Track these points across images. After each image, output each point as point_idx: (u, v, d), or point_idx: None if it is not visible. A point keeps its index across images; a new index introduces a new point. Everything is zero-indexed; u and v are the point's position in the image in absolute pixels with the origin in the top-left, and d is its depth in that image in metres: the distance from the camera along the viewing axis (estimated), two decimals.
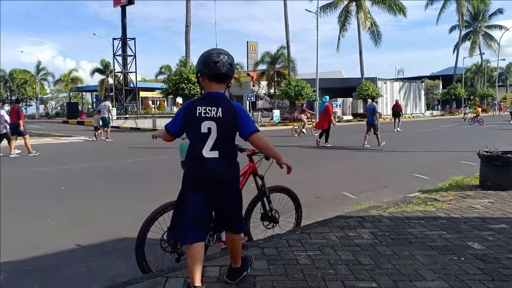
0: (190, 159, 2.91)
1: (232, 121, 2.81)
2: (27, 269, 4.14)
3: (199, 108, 2.82)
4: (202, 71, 2.87)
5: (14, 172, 10.24)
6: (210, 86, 2.88)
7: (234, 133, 2.88)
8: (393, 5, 41.43)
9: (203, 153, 2.80)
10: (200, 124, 2.80)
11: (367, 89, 41.16)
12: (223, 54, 2.85)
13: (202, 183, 2.85)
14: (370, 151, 13.92)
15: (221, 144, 2.82)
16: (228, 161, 2.88)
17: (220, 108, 2.80)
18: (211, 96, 2.87)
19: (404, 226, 4.59)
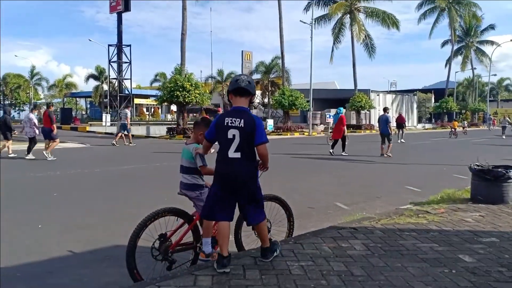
0: (219, 159, 3.62)
1: (251, 130, 3.50)
2: (17, 276, 4.10)
3: (226, 119, 3.55)
4: (228, 89, 3.70)
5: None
6: (236, 101, 3.66)
7: (253, 139, 3.53)
8: (387, 19, 41.86)
9: (228, 154, 3.52)
10: (227, 131, 3.52)
11: (360, 101, 41.44)
12: (243, 75, 3.81)
13: (228, 178, 3.58)
14: (362, 163, 13.99)
15: (243, 148, 3.53)
16: (247, 161, 3.59)
17: (243, 119, 3.53)
18: (237, 110, 3.62)
19: (396, 238, 4.62)
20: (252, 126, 3.52)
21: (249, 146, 3.57)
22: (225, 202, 3.62)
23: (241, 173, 3.56)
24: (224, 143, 3.58)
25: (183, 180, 4.01)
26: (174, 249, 3.84)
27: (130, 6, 37.53)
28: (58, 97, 65.25)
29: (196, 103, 28.57)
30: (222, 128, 3.57)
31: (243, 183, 3.59)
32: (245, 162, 3.57)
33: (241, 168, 3.55)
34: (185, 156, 4.02)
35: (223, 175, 3.60)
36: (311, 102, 35.22)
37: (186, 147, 4.05)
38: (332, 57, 45.83)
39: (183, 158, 4.03)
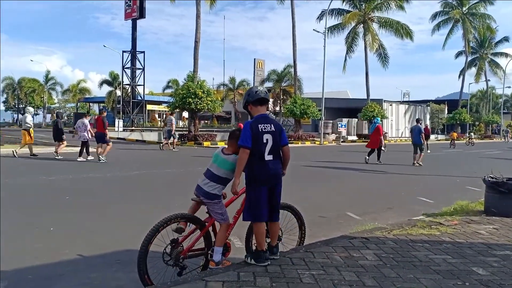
0: (257, 162, 3.87)
1: (279, 134, 3.97)
2: (28, 278, 4.13)
3: (260, 125, 3.90)
4: (249, 100, 4.05)
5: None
6: (258, 110, 4.05)
7: (279, 142, 3.97)
8: (400, 29, 41.77)
9: (265, 157, 3.86)
10: (262, 136, 3.86)
11: (372, 110, 41.24)
12: (260, 87, 4.21)
13: (268, 179, 3.91)
14: (374, 173, 13.90)
15: (274, 150, 3.93)
16: (278, 161, 3.99)
17: (272, 124, 3.98)
18: (264, 116, 4.02)
19: (409, 249, 4.57)
20: (279, 129, 4.01)
21: (278, 148, 3.98)
22: (267, 202, 3.91)
23: (277, 173, 3.96)
24: (260, 148, 3.87)
25: (203, 187, 3.96)
26: (186, 255, 3.84)
27: (145, 13, 38.01)
28: (71, 102, 66.01)
29: (208, 110, 28.72)
30: (258, 134, 3.87)
31: (278, 182, 3.99)
32: (278, 162, 3.98)
33: (276, 168, 3.95)
34: (221, 165, 4.00)
35: (264, 176, 3.89)
36: (323, 111, 35.13)
37: (225, 157, 4.03)
38: (345, 66, 45.74)
39: (215, 164, 4.02)
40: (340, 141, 37.68)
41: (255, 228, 3.96)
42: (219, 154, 4.07)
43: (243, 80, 52.92)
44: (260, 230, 3.95)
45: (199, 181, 4.04)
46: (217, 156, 4.07)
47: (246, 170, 3.91)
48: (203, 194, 3.94)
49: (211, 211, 4.01)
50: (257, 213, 3.89)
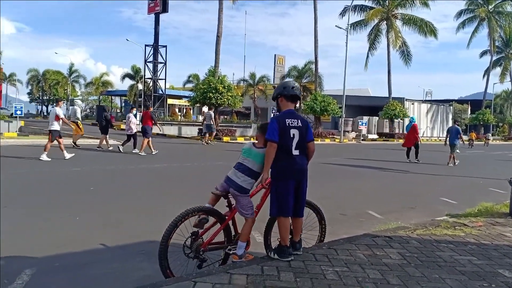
0: (284, 157, 3.88)
1: (305, 129, 4.00)
2: (55, 266, 4.23)
3: (287, 120, 3.93)
4: (283, 93, 4.06)
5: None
6: (287, 105, 4.06)
7: (305, 137, 3.99)
8: (424, 26, 41.14)
9: (292, 152, 3.88)
10: (289, 131, 3.89)
11: (394, 109, 40.81)
12: (296, 84, 4.24)
13: (296, 174, 3.93)
14: (395, 172, 13.76)
15: (300, 145, 3.95)
16: (304, 156, 4.01)
17: (299, 120, 4.01)
18: (291, 112, 4.04)
19: (433, 249, 4.52)
20: (306, 125, 4.05)
21: (304, 144, 4.00)
22: (293, 197, 3.94)
23: (304, 169, 3.99)
24: (287, 143, 3.90)
25: (237, 180, 3.95)
26: (206, 248, 3.87)
27: (167, 7, 38.23)
28: (94, 95, 66.92)
29: (228, 106, 28.79)
30: (285, 128, 3.89)
31: (304, 178, 4.03)
32: (304, 157, 4.01)
33: (303, 164, 3.99)
34: (256, 159, 4.00)
35: (292, 171, 3.92)
36: (343, 109, 34.87)
37: (259, 150, 4.03)
38: (367, 63, 45.08)
39: (249, 159, 4.01)
40: (360, 139, 37.39)
41: (279, 223, 3.96)
42: (252, 148, 4.07)
43: (263, 76, 52.76)
44: (284, 225, 3.94)
45: (230, 174, 4.03)
46: (250, 150, 4.06)
47: (272, 165, 3.90)
48: (236, 187, 3.92)
49: (240, 206, 3.98)
50: (283, 207, 3.88)
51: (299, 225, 4.11)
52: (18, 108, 23.72)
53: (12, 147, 16.46)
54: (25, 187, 8.37)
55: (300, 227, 4.13)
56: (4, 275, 3.84)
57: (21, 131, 24.37)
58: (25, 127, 25.92)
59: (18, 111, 23.47)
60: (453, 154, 16.79)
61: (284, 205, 3.89)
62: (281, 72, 62.83)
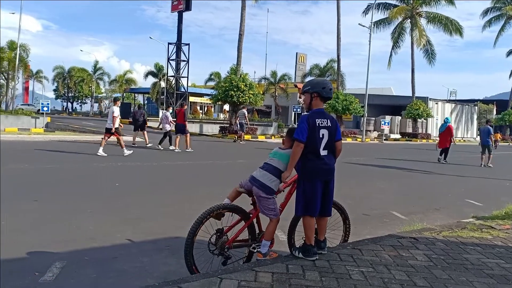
0: (312, 157, 3.87)
1: (335, 129, 3.97)
2: (85, 259, 4.33)
3: (317, 120, 3.90)
4: (321, 92, 3.99)
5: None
6: (318, 104, 4.02)
7: (334, 137, 3.96)
8: (449, 25, 40.32)
9: (321, 152, 3.86)
10: (318, 131, 3.86)
11: (417, 108, 40.20)
12: (332, 85, 4.17)
13: (323, 174, 3.92)
14: (419, 173, 13.59)
15: (329, 145, 3.94)
16: (332, 156, 4.00)
17: (329, 120, 3.97)
18: (321, 112, 4.00)
19: (460, 251, 4.46)
20: (335, 125, 4.02)
21: (332, 144, 3.98)
22: (321, 197, 3.92)
23: (331, 169, 3.98)
24: (316, 143, 3.87)
25: (261, 179, 3.94)
26: (230, 245, 3.90)
27: (191, 5, 38.46)
28: (118, 92, 67.87)
29: (250, 104, 28.85)
30: (314, 128, 3.87)
31: (332, 178, 4.01)
32: (332, 157, 4.00)
33: (331, 163, 3.98)
34: (282, 158, 4.01)
35: (319, 172, 3.90)
36: (365, 108, 34.54)
37: (285, 151, 4.05)
38: (390, 62, 44.41)
39: (275, 159, 4.03)
40: (382, 139, 36.97)
41: (305, 222, 3.96)
42: (278, 151, 4.11)
43: (284, 74, 52.57)
44: (310, 224, 3.94)
45: (255, 173, 4.04)
46: (276, 152, 4.10)
47: (300, 164, 3.90)
48: (260, 185, 3.92)
49: (262, 207, 3.97)
50: (310, 207, 3.88)
51: (324, 224, 4.11)
52: (45, 105, 24.21)
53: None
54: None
55: (325, 226, 4.12)
56: (35, 268, 3.96)
57: (48, 127, 24.92)
58: (51, 123, 26.48)
59: (45, 107, 23.96)
60: (486, 155, 16.71)
61: (311, 205, 3.88)
62: (302, 70, 62.49)
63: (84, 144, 17.02)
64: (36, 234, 5.04)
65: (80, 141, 18.48)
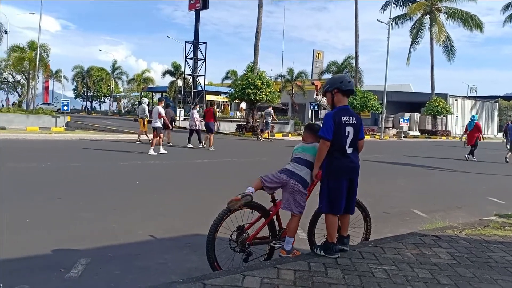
0: (338, 155, 3.86)
1: (359, 127, 3.97)
2: (108, 256, 4.41)
3: (343, 117, 3.86)
4: (340, 87, 3.95)
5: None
6: (342, 100, 3.99)
7: (360, 135, 3.98)
8: (470, 20, 39.58)
9: (347, 150, 3.86)
10: (344, 129, 3.84)
11: (437, 105, 39.64)
12: (351, 78, 3.79)
13: (346, 171, 3.89)
14: (439, 170, 13.42)
15: (353, 143, 3.92)
16: (357, 153, 4.00)
17: (354, 117, 3.95)
18: (348, 109, 3.99)
19: (483, 249, 4.41)
20: (360, 123, 4.00)
21: (356, 141, 3.97)
22: (345, 195, 3.92)
23: (357, 166, 3.98)
24: (342, 140, 3.86)
25: (300, 173, 3.95)
26: (251, 242, 3.92)
27: (208, 4, 38.61)
28: (136, 91, 68.53)
29: (267, 102, 28.85)
30: (340, 126, 3.85)
31: (357, 175, 4.01)
32: (356, 154, 4.00)
33: (357, 161, 3.98)
34: (307, 151, 4.04)
35: (345, 169, 3.89)
36: (384, 105, 34.21)
37: (308, 145, 4.11)
38: (409, 58, 43.73)
39: (303, 152, 4.05)
40: (401, 136, 36.58)
41: (328, 220, 3.95)
42: (304, 145, 4.11)
43: (301, 72, 52.38)
44: (333, 222, 3.94)
45: (290, 167, 4.01)
46: (303, 147, 4.10)
47: (325, 162, 3.90)
48: (300, 180, 3.91)
49: (294, 201, 3.92)
50: (336, 205, 3.88)
51: (347, 221, 4.11)
52: (65, 104, 24.63)
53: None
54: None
55: (348, 223, 4.12)
56: (61, 265, 4.04)
57: (68, 126, 25.34)
58: (71, 122, 26.93)
59: (65, 106, 24.37)
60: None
61: (336, 203, 3.87)
62: (319, 67, 62.17)
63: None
64: (62, 232, 5.14)
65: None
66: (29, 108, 37.50)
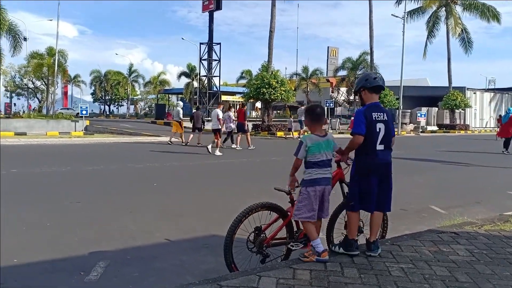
0: (368, 152, 3.83)
1: (391, 124, 3.93)
2: (127, 258, 4.47)
3: (373, 114, 3.82)
4: (365, 85, 3.94)
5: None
6: (371, 97, 3.94)
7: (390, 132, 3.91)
8: (486, 11, 38.80)
9: (377, 147, 3.81)
10: (375, 125, 3.80)
11: (455, 99, 39.05)
12: (378, 74, 4.14)
13: (376, 168, 3.85)
14: (458, 165, 13.22)
15: (385, 140, 3.86)
16: (389, 151, 3.94)
17: (385, 113, 3.91)
18: (377, 105, 3.94)
19: (503, 246, 4.33)
20: (391, 119, 3.98)
21: (389, 139, 3.92)
22: (376, 193, 3.87)
23: (388, 164, 3.94)
24: (373, 137, 3.81)
25: (328, 175, 3.82)
26: (269, 243, 3.91)
27: (221, 4, 38.67)
28: (152, 94, 69.14)
29: (282, 100, 28.82)
30: (371, 122, 3.81)
31: (389, 172, 3.96)
32: (388, 152, 3.94)
33: (388, 158, 3.93)
34: (331, 148, 3.88)
35: (375, 167, 3.85)
36: (400, 100, 33.83)
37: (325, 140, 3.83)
38: (425, 52, 42.99)
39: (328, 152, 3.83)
40: (419, 131, 36.13)
41: (350, 216, 3.93)
42: (318, 140, 3.77)
43: (316, 69, 52.21)
44: (355, 219, 3.93)
45: (327, 173, 3.82)
46: (319, 143, 3.76)
47: (355, 159, 3.91)
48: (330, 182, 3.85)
49: (327, 206, 3.89)
50: (365, 203, 3.87)
51: (377, 221, 4.01)
52: (83, 108, 24.99)
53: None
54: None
55: (378, 224, 4.04)
56: (81, 268, 4.12)
57: (87, 130, 25.73)
58: (90, 126, 27.33)
59: (83, 111, 24.73)
60: None
61: (366, 200, 3.85)
62: (334, 64, 61.86)
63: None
64: (82, 234, 5.23)
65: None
66: (49, 113, 38.20)
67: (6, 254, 4.40)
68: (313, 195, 3.74)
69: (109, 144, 18.51)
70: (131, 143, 19.25)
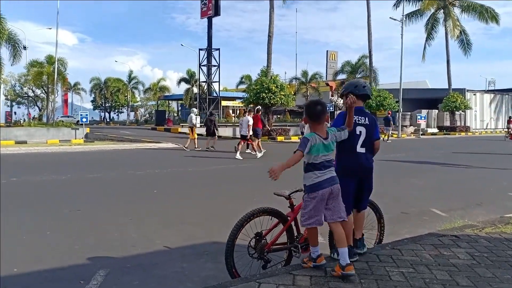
0: (347, 154, 3.93)
1: (373, 127, 4.01)
2: (127, 266, 4.46)
3: (355, 117, 3.88)
4: (354, 91, 4.01)
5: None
6: (357, 103, 3.91)
7: (372, 135, 3.99)
8: (485, 12, 38.91)
9: (357, 149, 3.92)
10: (355, 128, 3.89)
11: (454, 101, 39.10)
12: (367, 83, 4.30)
13: (357, 171, 3.96)
14: (458, 167, 13.21)
15: (367, 143, 3.96)
16: (370, 155, 4.03)
17: (367, 118, 4.01)
18: (362, 110, 4.05)
19: (504, 248, 4.32)
20: (373, 123, 4.05)
21: (370, 141, 4.00)
22: (353, 195, 3.98)
23: (368, 167, 4.00)
24: (352, 139, 3.89)
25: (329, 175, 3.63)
26: (270, 249, 3.89)
27: (219, 10, 38.87)
28: (152, 100, 69.24)
29: (281, 105, 28.86)
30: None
31: (368, 176, 4.05)
32: (369, 155, 4.02)
33: (368, 161, 3.99)
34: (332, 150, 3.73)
35: (354, 169, 3.95)
36: (400, 103, 33.85)
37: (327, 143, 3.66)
38: (424, 55, 43.13)
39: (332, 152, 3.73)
40: (419, 133, 36.12)
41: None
42: (323, 142, 3.59)
43: (315, 73, 52.28)
44: (347, 223, 3.80)
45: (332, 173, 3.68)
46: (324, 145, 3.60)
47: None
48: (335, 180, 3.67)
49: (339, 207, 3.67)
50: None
51: (360, 220, 4.11)
52: (84, 116, 25.00)
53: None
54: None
55: (361, 223, 4.11)
56: (80, 276, 4.10)
57: (87, 138, 25.74)
58: (91, 134, 27.34)
59: (84, 118, 24.74)
60: None
61: (344, 201, 3.71)
62: (333, 68, 61.84)
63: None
64: (82, 242, 5.22)
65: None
66: (49, 121, 38.25)
67: (6, 263, 4.40)
68: (318, 200, 3.57)
69: (109, 151, 18.51)
70: (132, 150, 19.26)
